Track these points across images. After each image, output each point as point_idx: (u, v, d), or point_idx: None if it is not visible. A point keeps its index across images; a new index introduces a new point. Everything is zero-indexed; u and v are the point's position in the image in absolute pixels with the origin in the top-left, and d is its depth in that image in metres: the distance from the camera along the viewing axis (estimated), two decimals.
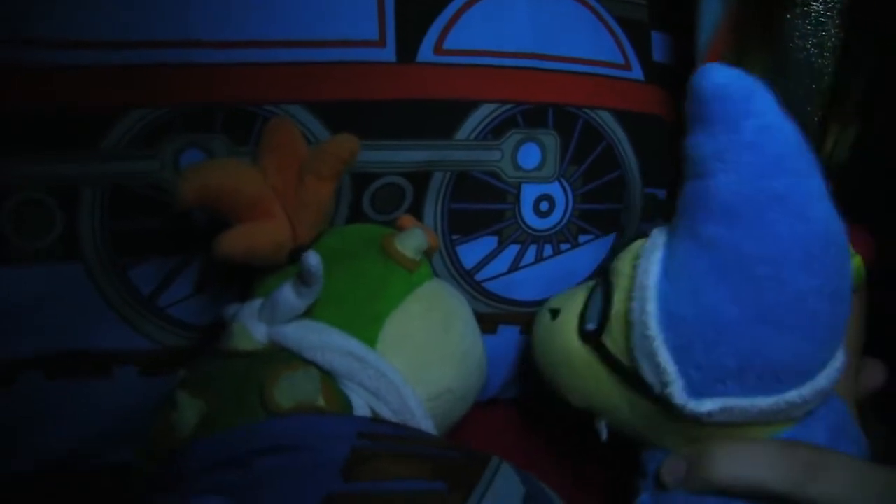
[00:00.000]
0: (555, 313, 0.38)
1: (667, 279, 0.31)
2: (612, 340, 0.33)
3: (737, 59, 0.41)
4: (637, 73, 0.44)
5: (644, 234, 0.34)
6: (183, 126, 0.36)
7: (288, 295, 0.32)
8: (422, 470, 0.26)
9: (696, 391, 0.30)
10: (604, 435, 0.36)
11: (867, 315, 0.37)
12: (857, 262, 0.31)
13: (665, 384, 0.30)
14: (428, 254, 0.37)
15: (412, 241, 0.36)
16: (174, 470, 0.26)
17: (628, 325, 0.32)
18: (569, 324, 0.36)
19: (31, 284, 0.35)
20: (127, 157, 0.35)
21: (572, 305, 0.37)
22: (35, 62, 0.34)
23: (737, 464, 0.30)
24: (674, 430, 0.33)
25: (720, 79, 0.28)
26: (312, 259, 0.30)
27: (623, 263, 0.34)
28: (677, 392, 0.30)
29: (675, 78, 0.46)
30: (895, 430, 0.37)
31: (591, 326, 0.34)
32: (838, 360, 0.31)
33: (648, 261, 0.31)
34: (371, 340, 0.33)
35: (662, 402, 0.31)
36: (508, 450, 0.34)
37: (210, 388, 0.29)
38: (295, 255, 0.34)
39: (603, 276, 0.35)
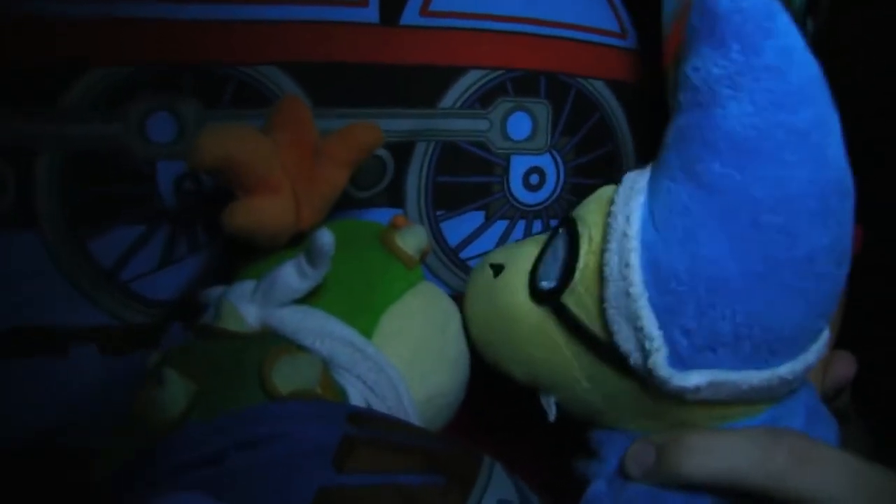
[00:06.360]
0: (497, 269, 0.33)
1: (653, 228, 0.26)
2: (576, 300, 0.29)
3: None
4: (633, 41, 0.43)
5: (612, 182, 0.30)
6: (149, 87, 0.35)
7: (289, 275, 0.30)
8: (413, 461, 0.25)
9: (681, 362, 0.26)
10: (552, 414, 0.32)
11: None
12: None
13: (646, 353, 0.26)
14: (422, 256, 0.36)
15: (413, 238, 0.35)
16: (152, 463, 0.25)
17: (602, 282, 0.27)
18: (516, 281, 0.32)
19: None
20: (88, 120, 0.34)
21: (520, 261, 0.32)
22: None
23: (714, 457, 0.26)
24: (643, 408, 0.29)
25: None
26: (326, 237, 0.29)
27: (590, 213, 0.30)
28: (661, 362, 0.26)
29: None
30: (878, 421, 0.36)
31: (547, 284, 0.30)
32: (825, 335, 0.28)
33: (629, 207, 0.27)
34: (367, 332, 0.32)
35: (638, 375, 0.27)
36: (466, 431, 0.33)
37: (200, 367, 0.27)
38: (294, 240, 0.33)
39: (565, 227, 0.31)
